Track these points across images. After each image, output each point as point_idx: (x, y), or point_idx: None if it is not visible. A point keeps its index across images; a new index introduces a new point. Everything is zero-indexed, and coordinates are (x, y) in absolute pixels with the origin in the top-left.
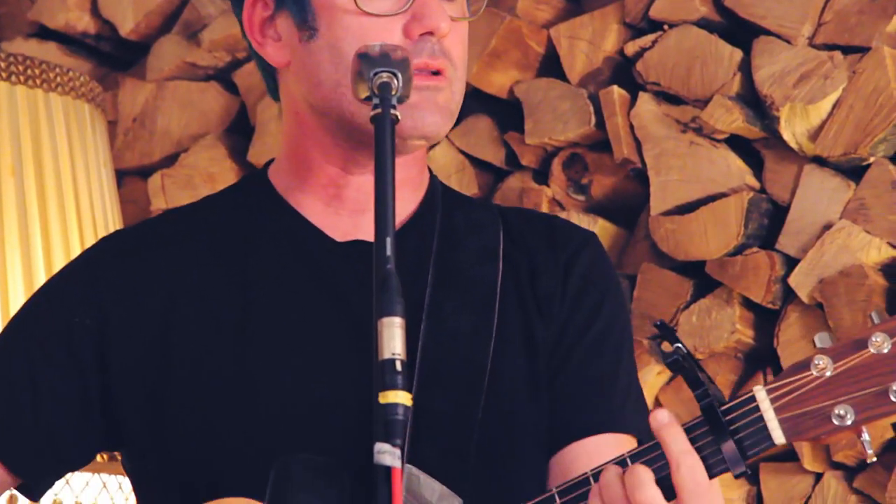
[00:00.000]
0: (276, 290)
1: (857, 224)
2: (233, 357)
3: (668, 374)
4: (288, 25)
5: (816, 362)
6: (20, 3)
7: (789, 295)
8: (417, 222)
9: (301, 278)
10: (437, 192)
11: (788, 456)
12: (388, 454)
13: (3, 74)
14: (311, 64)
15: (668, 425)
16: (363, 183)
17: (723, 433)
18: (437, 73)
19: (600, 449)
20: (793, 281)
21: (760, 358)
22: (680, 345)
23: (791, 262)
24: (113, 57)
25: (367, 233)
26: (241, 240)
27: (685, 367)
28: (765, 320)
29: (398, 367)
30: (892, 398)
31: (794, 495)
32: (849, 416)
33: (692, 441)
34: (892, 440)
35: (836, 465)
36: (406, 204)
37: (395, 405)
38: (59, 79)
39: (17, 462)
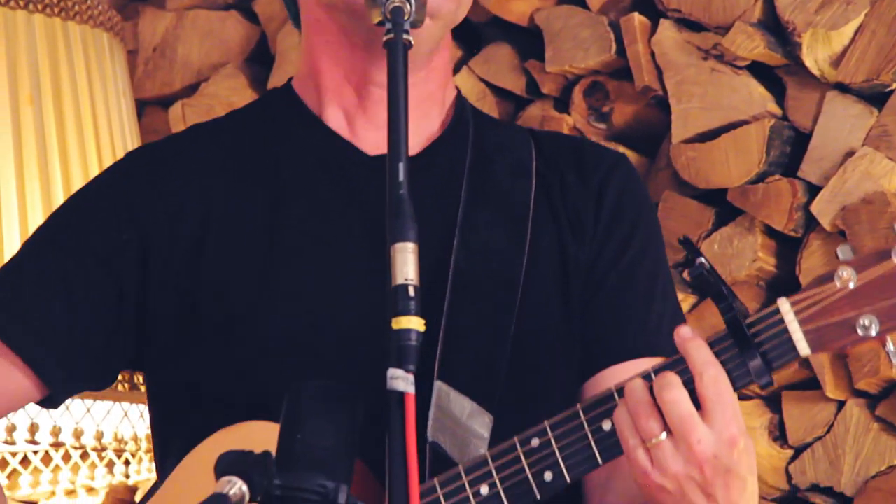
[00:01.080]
0: (305, 205)
1: (880, 151)
2: (261, 273)
3: (689, 301)
4: None
5: (840, 273)
6: None
7: (811, 222)
8: (449, 137)
9: (330, 192)
10: (466, 109)
11: (810, 384)
12: (400, 380)
13: (22, 3)
14: None
15: (692, 339)
16: (384, 97)
17: (748, 346)
18: None
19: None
20: (815, 208)
21: (782, 286)
22: (703, 259)
23: (813, 190)
24: None
25: None
26: (270, 153)
27: (710, 281)
28: (787, 248)
29: (411, 292)
30: None
31: (816, 423)
32: (873, 326)
33: (717, 354)
34: None
35: (859, 393)
36: (434, 120)
37: (407, 331)
38: (77, 7)
39: (47, 371)
